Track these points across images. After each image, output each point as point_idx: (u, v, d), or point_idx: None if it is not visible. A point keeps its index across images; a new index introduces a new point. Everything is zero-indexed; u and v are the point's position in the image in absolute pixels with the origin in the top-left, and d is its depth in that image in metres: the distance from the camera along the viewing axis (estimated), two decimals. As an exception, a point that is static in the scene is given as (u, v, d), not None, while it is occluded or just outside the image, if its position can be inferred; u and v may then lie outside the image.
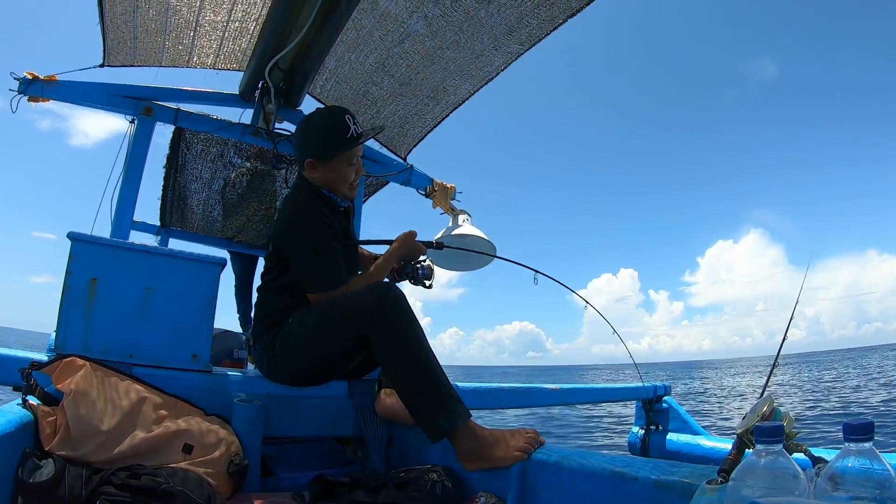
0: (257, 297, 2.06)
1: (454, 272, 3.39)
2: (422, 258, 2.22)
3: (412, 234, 2.18)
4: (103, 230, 2.47)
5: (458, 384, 2.72)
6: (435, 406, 1.59)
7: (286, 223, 1.97)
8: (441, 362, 1.68)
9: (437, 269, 2.29)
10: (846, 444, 0.69)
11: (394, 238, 2.20)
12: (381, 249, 2.29)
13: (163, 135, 3.46)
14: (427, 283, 2.24)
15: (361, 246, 2.36)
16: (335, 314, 1.78)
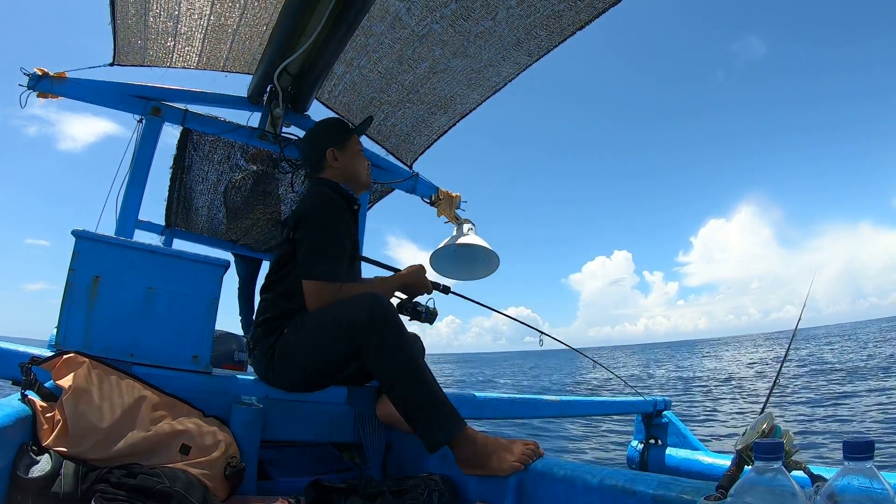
0: (260, 300, 2.05)
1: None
2: (427, 297, 2.17)
3: (422, 269, 2.14)
4: (108, 228, 2.48)
5: (458, 393, 2.72)
6: (429, 419, 1.59)
7: (308, 206, 1.95)
8: (439, 351, 1.68)
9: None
10: (846, 462, 0.69)
11: (401, 267, 2.17)
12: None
13: (168, 134, 3.48)
14: (428, 324, 2.17)
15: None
16: (329, 325, 1.76)
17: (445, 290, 2.27)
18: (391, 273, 2.19)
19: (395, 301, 2.10)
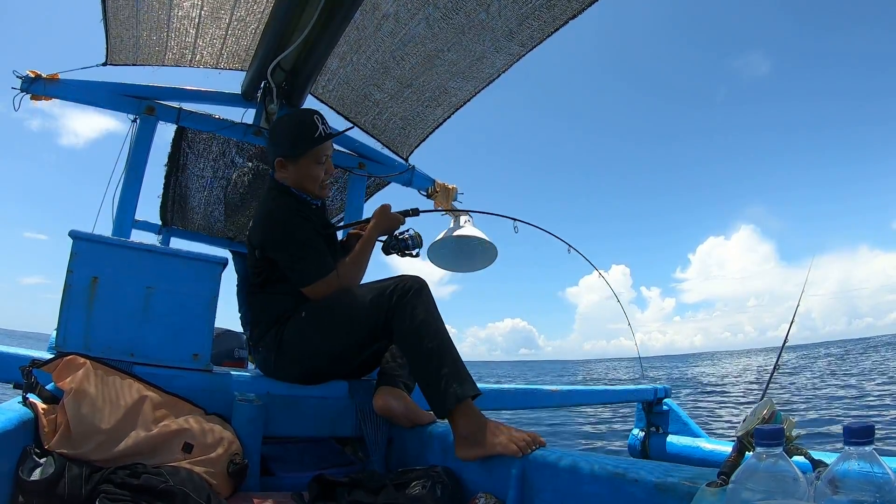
0: (251, 303, 2.07)
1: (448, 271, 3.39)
2: (404, 229, 2.28)
3: (387, 207, 2.21)
4: (105, 229, 2.47)
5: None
6: (449, 375, 1.64)
7: (264, 227, 2.00)
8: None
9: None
10: (846, 447, 0.69)
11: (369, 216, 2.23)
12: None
13: (163, 132, 3.46)
14: (415, 252, 2.29)
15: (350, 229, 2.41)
16: (359, 300, 1.83)
17: (415, 212, 2.37)
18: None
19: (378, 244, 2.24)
